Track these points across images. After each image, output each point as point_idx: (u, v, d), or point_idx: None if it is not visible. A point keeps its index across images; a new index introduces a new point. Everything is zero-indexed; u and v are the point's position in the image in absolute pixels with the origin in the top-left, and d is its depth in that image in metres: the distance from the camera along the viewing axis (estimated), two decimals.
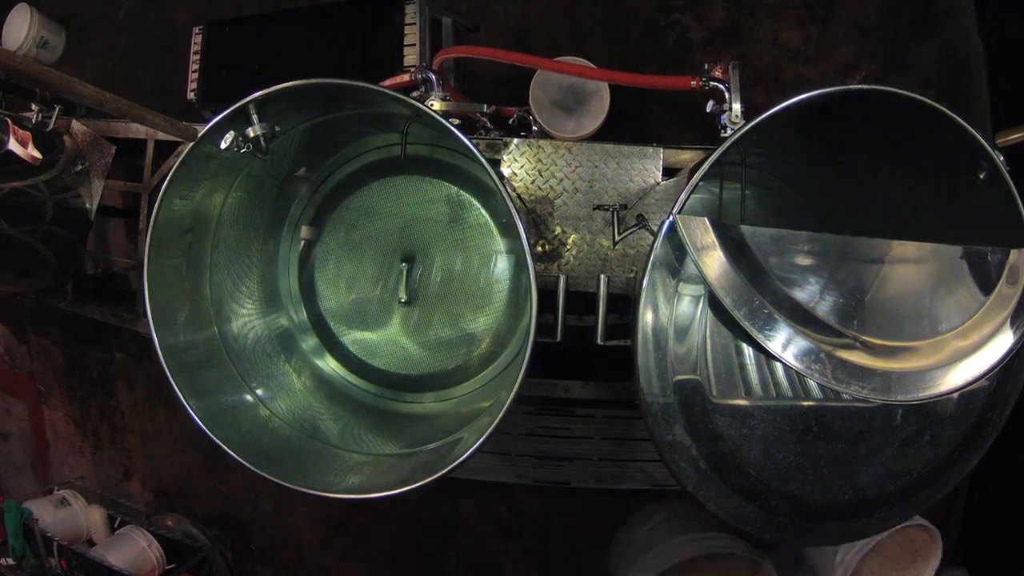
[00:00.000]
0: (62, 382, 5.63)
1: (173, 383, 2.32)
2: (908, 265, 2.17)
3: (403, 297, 2.82)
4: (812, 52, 4.39)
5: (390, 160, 2.90)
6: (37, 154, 3.06)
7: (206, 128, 2.22)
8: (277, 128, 2.30)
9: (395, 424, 2.86)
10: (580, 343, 2.66)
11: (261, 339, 2.77)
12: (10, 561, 4.35)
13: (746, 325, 2.02)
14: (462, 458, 2.11)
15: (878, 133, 2.34)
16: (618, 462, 4.03)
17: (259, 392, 2.61)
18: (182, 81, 3.92)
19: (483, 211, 2.80)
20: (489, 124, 3.22)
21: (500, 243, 2.79)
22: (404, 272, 2.81)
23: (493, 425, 2.08)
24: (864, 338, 2.12)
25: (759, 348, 2.10)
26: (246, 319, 2.72)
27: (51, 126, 3.36)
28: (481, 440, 2.09)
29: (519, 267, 2.52)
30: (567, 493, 4.44)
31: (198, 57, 3.84)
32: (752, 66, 4.41)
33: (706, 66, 2.57)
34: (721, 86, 2.46)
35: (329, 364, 2.99)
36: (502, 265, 2.78)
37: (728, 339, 2.27)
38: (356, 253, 2.93)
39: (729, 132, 2.36)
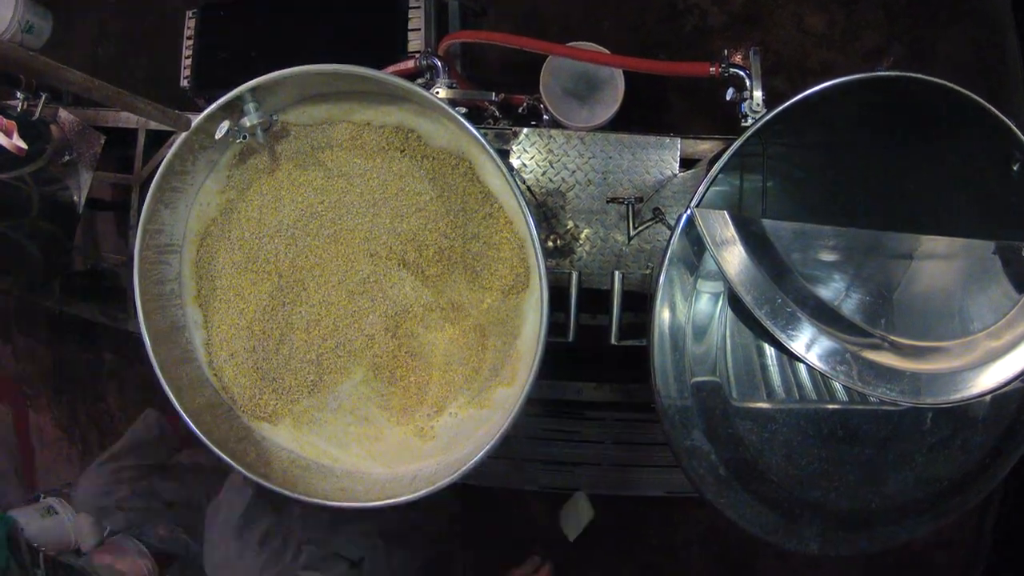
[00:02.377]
0: (49, 384, 5.64)
1: (165, 384, 2.32)
2: (938, 261, 2.17)
3: None
4: (837, 37, 4.39)
5: None
6: (22, 144, 3.08)
7: (199, 118, 2.22)
8: (274, 117, 2.30)
9: None
10: (593, 343, 2.66)
11: None
12: None
13: (768, 324, 2.03)
14: (468, 466, 2.10)
15: (906, 122, 2.34)
16: (631, 467, 4.03)
17: None
18: (175, 68, 3.92)
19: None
20: (497, 113, 3.22)
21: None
22: None
23: (502, 430, 2.07)
24: (892, 338, 2.12)
25: (781, 348, 2.11)
26: None
27: (37, 115, 3.37)
28: (489, 446, 2.08)
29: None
30: None
31: (192, 42, 3.84)
32: (774, 52, 4.41)
33: (726, 52, 2.56)
34: (741, 73, 2.47)
35: None
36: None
37: (749, 339, 2.27)
38: None
39: (750, 121, 2.37)
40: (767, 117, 2.09)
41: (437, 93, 2.68)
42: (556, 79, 3.67)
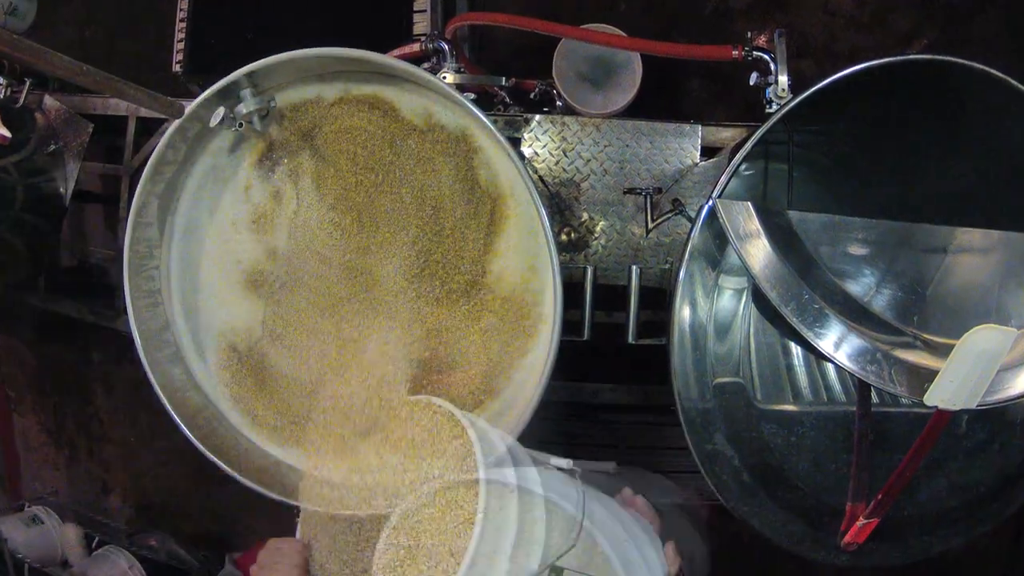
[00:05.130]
0: (34, 386, 5.65)
1: (156, 386, 2.32)
2: (974, 255, 2.16)
3: None
4: (867, 19, 4.38)
5: None
6: (6, 133, 3.08)
7: (193, 104, 2.21)
8: (273, 103, 2.30)
9: None
10: (609, 342, 2.66)
11: None
12: None
13: (794, 322, 2.02)
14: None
15: (941, 109, 2.33)
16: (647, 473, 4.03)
17: None
18: (167, 51, 3.92)
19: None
20: (508, 99, 3.23)
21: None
22: None
23: (514, 434, 2.07)
24: (925, 336, 2.12)
25: (808, 347, 2.11)
26: None
27: (21, 102, 3.37)
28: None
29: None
30: None
31: (184, 24, 3.83)
32: (800, 34, 4.40)
33: (749, 34, 2.56)
34: (766, 56, 2.47)
35: None
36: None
37: (774, 338, 2.28)
38: None
39: (775, 107, 2.37)
40: (793, 103, 2.09)
41: (444, 78, 2.68)
42: (570, 63, 3.67)
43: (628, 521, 1.92)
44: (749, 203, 2.06)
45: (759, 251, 2.04)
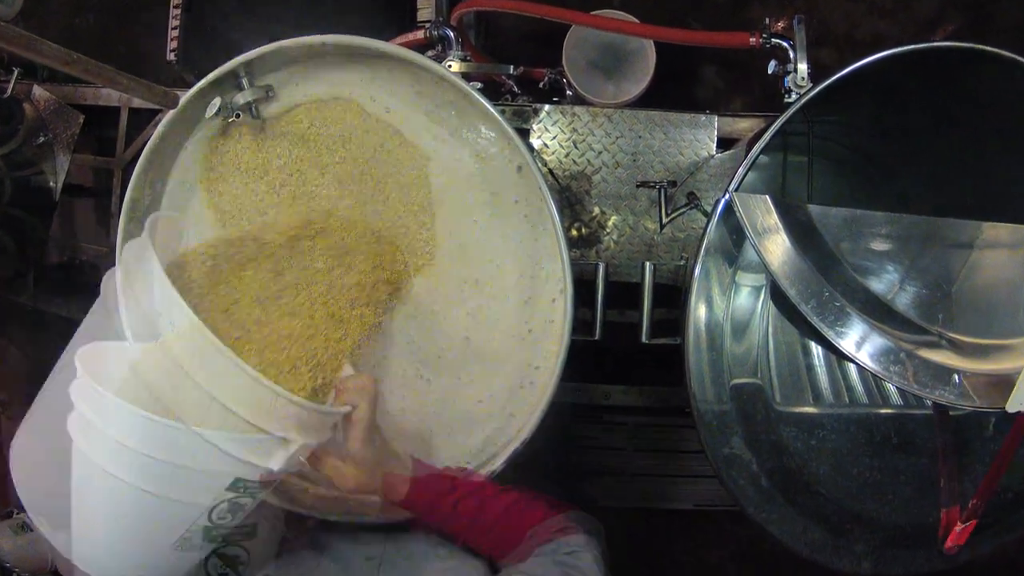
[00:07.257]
0: (23, 388, 5.64)
1: None
2: (1002, 251, 2.16)
3: None
4: (890, 5, 4.37)
5: None
6: None
7: (188, 95, 2.21)
8: (271, 92, 2.30)
9: None
10: (622, 341, 2.65)
11: None
12: None
13: (814, 320, 2.02)
14: (486, 474, 2.10)
15: (964, 97, 2.33)
16: (656, 477, 4.02)
17: None
18: (161, 40, 3.91)
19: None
20: (516, 88, 3.22)
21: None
22: None
23: (522, 438, 2.07)
24: (950, 335, 2.12)
25: (829, 347, 2.10)
26: None
27: (9, 92, 3.37)
28: (508, 454, 2.08)
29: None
30: (598, 513, 4.41)
31: (179, 12, 3.82)
32: (821, 21, 4.39)
33: (767, 21, 2.56)
34: (785, 44, 2.46)
35: None
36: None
37: (793, 337, 2.27)
38: None
39: (794, 97, 2.36)
40: (813, 92, 2.09)
41: (449, 67, 2.68)
42: (580, 51, 3.67)
43: None
44: (767, 197, 2.06)
45: (778, 247, 2.04)
